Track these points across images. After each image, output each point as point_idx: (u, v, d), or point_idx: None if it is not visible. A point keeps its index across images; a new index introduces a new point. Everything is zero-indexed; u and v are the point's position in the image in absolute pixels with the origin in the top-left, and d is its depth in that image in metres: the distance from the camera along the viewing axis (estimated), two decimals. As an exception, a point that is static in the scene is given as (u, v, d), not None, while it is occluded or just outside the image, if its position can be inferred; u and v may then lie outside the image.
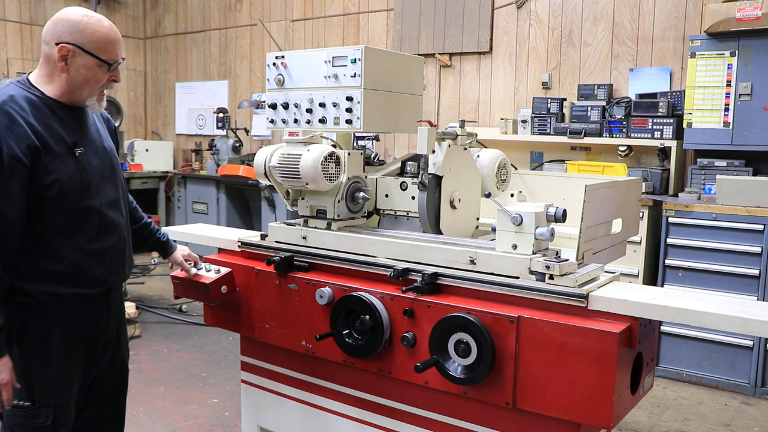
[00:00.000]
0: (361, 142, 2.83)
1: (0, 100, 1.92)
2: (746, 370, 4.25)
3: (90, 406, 2.26)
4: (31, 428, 2.04)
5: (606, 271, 2.21)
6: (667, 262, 4.50)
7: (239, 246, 2.79)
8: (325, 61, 2.52)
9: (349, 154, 2.57)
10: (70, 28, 1.99)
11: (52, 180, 1.96)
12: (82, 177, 2.04)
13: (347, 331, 2.31)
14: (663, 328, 4.43)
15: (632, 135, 4.97)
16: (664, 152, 4.95)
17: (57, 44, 1.98)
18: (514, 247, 2.12)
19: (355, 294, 2.28)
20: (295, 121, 2.63)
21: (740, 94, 4.50)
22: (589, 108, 5.20)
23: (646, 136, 4.92)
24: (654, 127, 4.88)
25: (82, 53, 2.00)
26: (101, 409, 2.30)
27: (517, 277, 2.10)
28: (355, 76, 2.45)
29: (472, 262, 2.18)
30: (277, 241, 2.70)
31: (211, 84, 8.60)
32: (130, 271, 2.33)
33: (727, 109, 4.57)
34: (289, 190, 2.67)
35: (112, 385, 2.32)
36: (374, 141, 3.10)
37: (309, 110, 2.57)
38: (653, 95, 5.04)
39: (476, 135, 2.73)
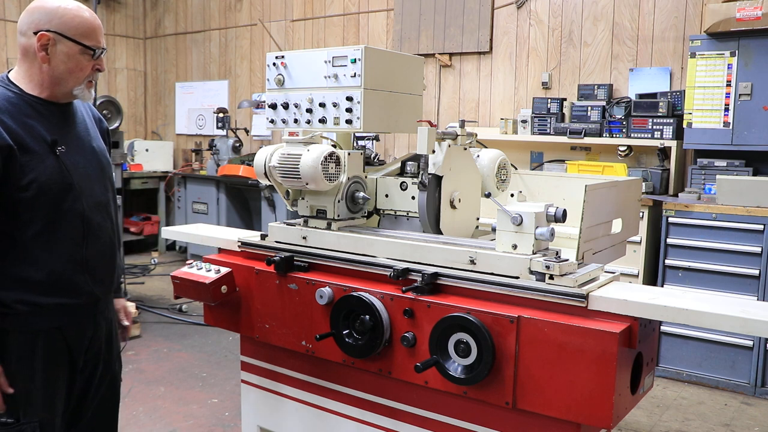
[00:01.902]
0: (361, 142, 2.83)
1: None
2: (746, 370, 4.25)
3: (81, 422, 2.15)
4: None
5: (606, 271, 2.21)
6: (667, 262, 4.50)
7: (239, 246, 2.79)
8: (325, 61, 2.52)
9: (349, 154, 2.56)
10: (48, 15, 1.89)
11: (29, 180, 1.85)
12: (63, 177, 1.92)
13: (347, 331, 2.31)
14: (663, 328, 4.43)
15: (632, 135, 4.97)
16: (664, 152, 4.95)
17: (36, 33, 1.87)
18: (514, 247, 2.12)
19: (355, 294, 2.28)
20: (295, 121, 2.63)
21: (740, 94, 4.50)
22: (589, 108, 5.20)
23: (646, 136, 4.92)
24: (654, 127, 4.88)
25: (63, 40, 1.89)
26: (93, 426, 2.20)
27: (517, 277, 2.10)
28: (355, 76, 2.45)
29: (472, 262, 2.18)
30: (277, 241, 2.70)
31: (211, 84, 8.60)
32: (119, 280, 2.24)
33: (727, 109, 4.57)
34: (289, 190, 2.67)
35: (103, 400, 2.21)
36: (374, 141, 3.10)
37: (309, 110, 2.57)
38: (653, 95, 5.05)
39: (476, 135, 2.72)
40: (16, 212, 1.86)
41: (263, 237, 2.78)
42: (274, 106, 2.68)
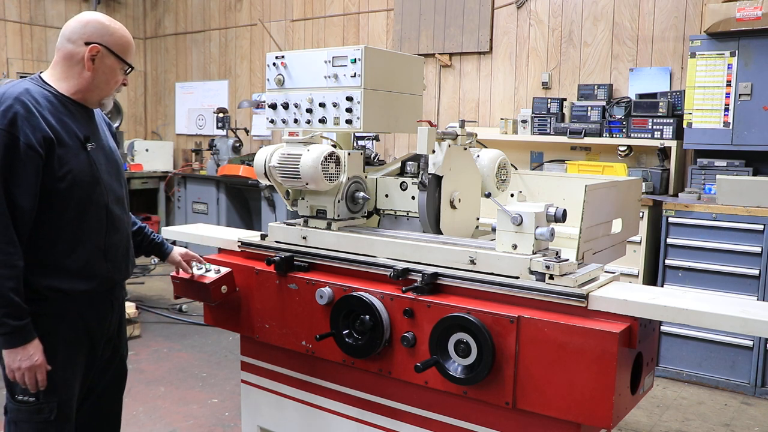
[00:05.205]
0: (361, 142, 2.83)
1: (17, 92, 1.98)
2: (746, 370, 4.25)
3: (87, 402, 2.29)
4: (35, 423, 2.06)
5: (606, 271, 2.21)
6: (667, 262, 4.49)
7: (239, 246, 2.79)
8: (325, 61, 2.52)
9: (349, 154, 2.57)
10: (101, 30, 2.09)
11: (65, 172, 2.01)
12: (92, 171, 2.09)
13: (347, 331, 2.31)
14: (663, 328, 4.43)
15: (632, 135, 4.97)
16: (664, 152, 4.95)
17: (87, 44, 2.06)
18: (514, 247, 2.12)
19: (355, 294, 2.28)
20: (295, 121, 2.63)
21: (740, 94, 4.50)
22: (589, 108, 5.20)
23: (646, 136, 4.92)
24: (654, 127, 4.88)
25: (109, 55, 2.11)
26: (99, 406, 2.34)
27: (517, 277, 2.10)
28: (355, 76, 2.45)
29: (472, 262, 2.18)
30: (277, 241, 2.70)
31: (211, 84, 8.60)
32: (132, 268, 2.38)
33: (727, 109, 4.57)
34: (289, 190, 2.67)
35: (110, 382, 2.35)
36: (374, 141, 3.10)
37: (309, 110, 2.58)
38: (653, 95, 5.04)
39: (476, 135, 2.73)
40: (51, 202, 2.02)
41: (263, 237, 2.78)
42: (274, 106, 2.68)
